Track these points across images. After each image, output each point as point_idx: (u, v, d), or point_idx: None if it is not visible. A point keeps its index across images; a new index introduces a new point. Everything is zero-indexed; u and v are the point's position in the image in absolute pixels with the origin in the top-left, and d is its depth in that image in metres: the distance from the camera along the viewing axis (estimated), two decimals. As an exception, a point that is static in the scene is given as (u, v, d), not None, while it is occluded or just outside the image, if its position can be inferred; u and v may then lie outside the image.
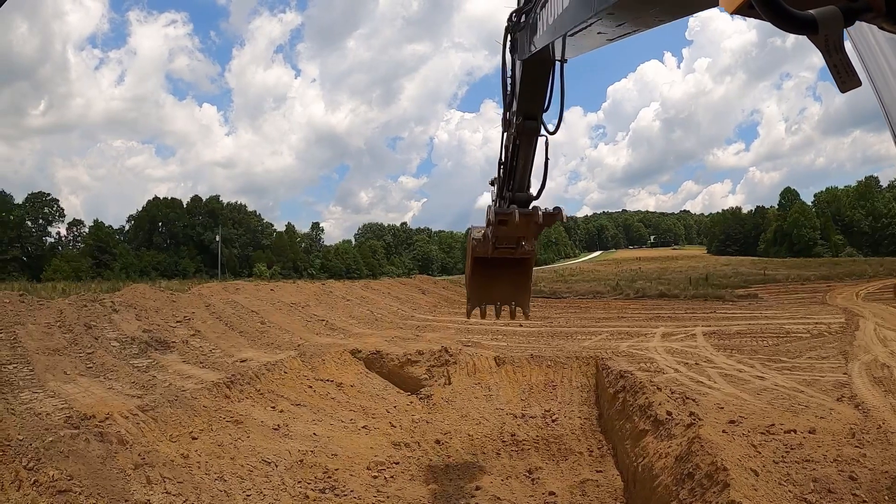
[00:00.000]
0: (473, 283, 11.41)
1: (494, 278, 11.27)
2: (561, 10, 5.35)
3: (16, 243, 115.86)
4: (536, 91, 7.75)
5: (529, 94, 7.86)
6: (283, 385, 19.02)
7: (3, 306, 24.22)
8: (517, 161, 8.77)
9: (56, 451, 12.39)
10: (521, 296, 11.61)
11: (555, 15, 5.64)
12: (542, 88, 7.66)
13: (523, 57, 7.50)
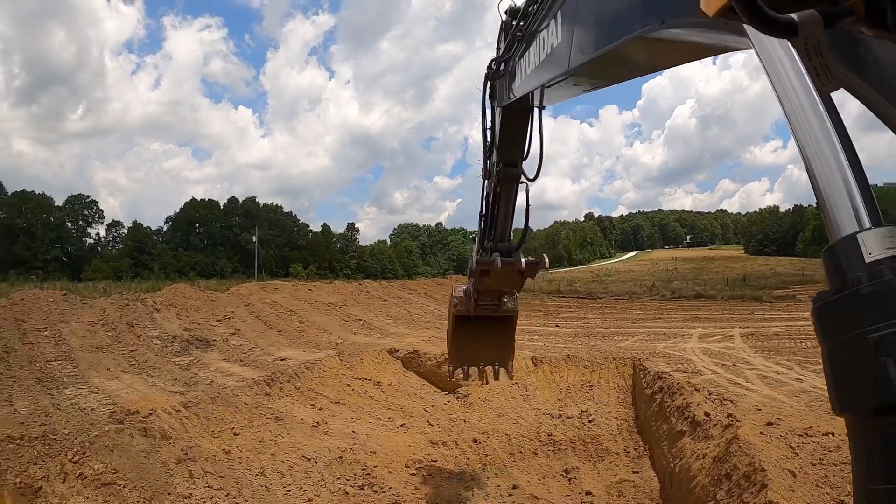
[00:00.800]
0: (455, 343, 11.23)
1: (477, 338, 11.05)
2: (538, 63, 5.47)
3: (56, 244, 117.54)
4: (516, 138, 7.78)
5: (509, 141, 7.89)
6: (322, 383, 19.19)
7: (48, 305, 24.70)
8: (498, 209, 8.74)
9: (101, 446, 12.63)
10: (504, 355, 11.41)
11: (533, 65, 5.74)
12: (522, 135, 7.68)
13: (503, 104, 7.52)
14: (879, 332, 1.18)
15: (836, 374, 1.32)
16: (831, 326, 1.32)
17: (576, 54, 4.23)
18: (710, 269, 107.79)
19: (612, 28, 3.50)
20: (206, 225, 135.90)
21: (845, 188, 1.41)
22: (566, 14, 4.51)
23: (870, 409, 1.21)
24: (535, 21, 5.56)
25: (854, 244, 1.33)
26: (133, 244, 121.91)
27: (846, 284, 1.30)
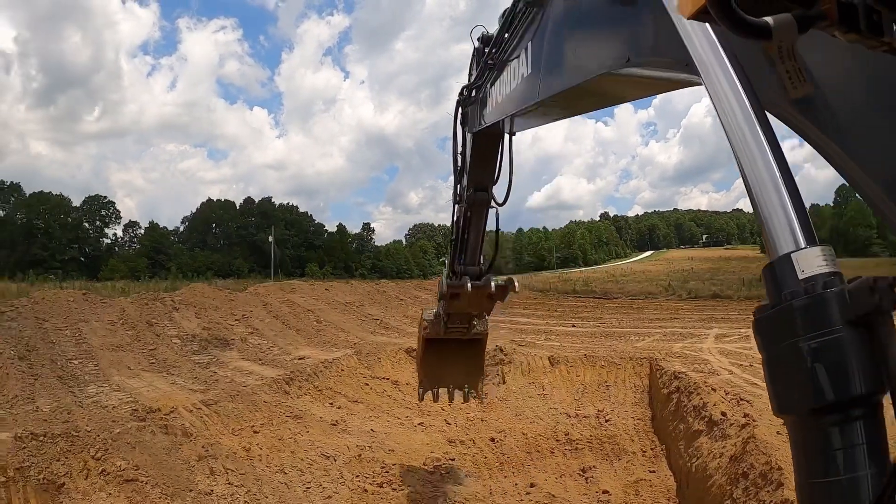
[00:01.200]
0: (425, 365, 11.28)
1: (447, 361, 11.11)
2: (509, 91, 5.56)
3: (74, 244, 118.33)
4: (486, 163, 7.82)
5: (480, 166, 7.95)
6: (340, 382, 19.32)
7: (68, 304, 24.91)
8: (468, 234, 8.81)
9: (123, 443, 12.79)
10: (473, 378, 11.45)
11: (503, 94, 5.83)
12: (492, 160, 7.71)
13: (473, 130, 7.61)
14: (811, 341, 1.30)
15: (775, 380, 1.42)
16: (769, 337, 1.43)
17: (545, 86, 4.34)
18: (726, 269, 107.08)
19: (579, 64, 3.64)
20: (223, 225, 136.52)
21: (782, 211, 1.55)
22: (536, 46, 4.60)
23: (807, 410, 1.33)
24: (507, 50, 5.66)
25: (789, 262, 1.46)
26: (150, 244, 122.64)
27: (782, 299, 1.42)
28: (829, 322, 1.30)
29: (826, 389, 1.27)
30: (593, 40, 3.40)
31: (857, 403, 1.28)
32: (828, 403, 1.28)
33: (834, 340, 1.29)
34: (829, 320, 1.31)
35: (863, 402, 1.28)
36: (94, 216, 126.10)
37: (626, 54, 2.78)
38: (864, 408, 1.29)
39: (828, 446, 1.28)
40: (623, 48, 2.82)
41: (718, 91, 1.73)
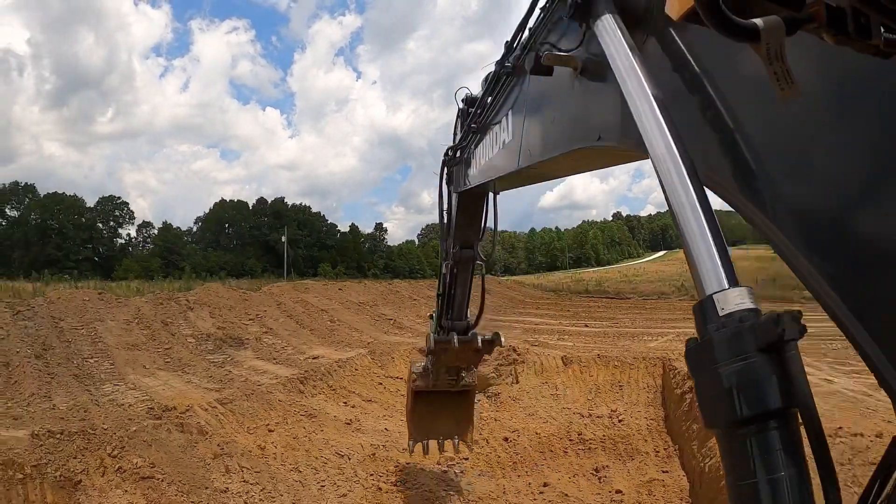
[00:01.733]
0: (415, 417, 11.29)
1: (436, 412, 11.11)
2: (492, 155, 5.72)
3: (88, 244, 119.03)
4: (472, 221, 8.06)
5: (465, 224, 8.14)
6: (354, 381, 19.40)
7: (84, 304, 25.07)
8: (455, 289, 8.93)
9: (139, 440, 12.90)
10: (463, 428, 11.43)
11: (486, 157, 5.98)
12: (477, 218, 7.98)
13: (458, 190, 7.76)
14: (729, 366, 1.51)
15: (702, 401, 1.62)
16: (696, 365, 1.64)
17: (524, 155, 4.50)
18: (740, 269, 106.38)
19: (556, 139, 3.82)
20: (236, 225, 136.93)
21: (709, 259, 1.79)
22: (515, 116, 4.76)
23: (728, 423, 1.52)
24: (489, 114, 5.78)
25: (712, 302, 1.67)
26: (163, 244, 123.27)
27: (706, 333, 1.63)
28: (742, 350, 1.50)
29: (743, 406, 1.47)
30: (566, 118, 3.58)
31: (772, 416, 1.46)
32: (745, 417, 1.47)
33: (747, 365, 1.49)
34: (742, 348, 1.51)
35: (778, 415, 1.46)
36: (108, 216, 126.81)
37: (596, 133, 2.99)
38: (779, 420, 1.47)
39: (749, 453, 1.47)
40: (594, 128, 3.03)
41: (663, 165, 1.94)
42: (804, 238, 1.79)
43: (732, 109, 2.03)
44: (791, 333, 1.45)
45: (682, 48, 2.27)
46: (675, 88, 2.26)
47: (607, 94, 2.56)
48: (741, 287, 1.70)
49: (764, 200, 1.91)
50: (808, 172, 1.78)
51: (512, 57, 4.63)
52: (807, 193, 1.80)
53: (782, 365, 1.47)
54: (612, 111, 2.54)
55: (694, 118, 2.16)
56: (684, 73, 2.25)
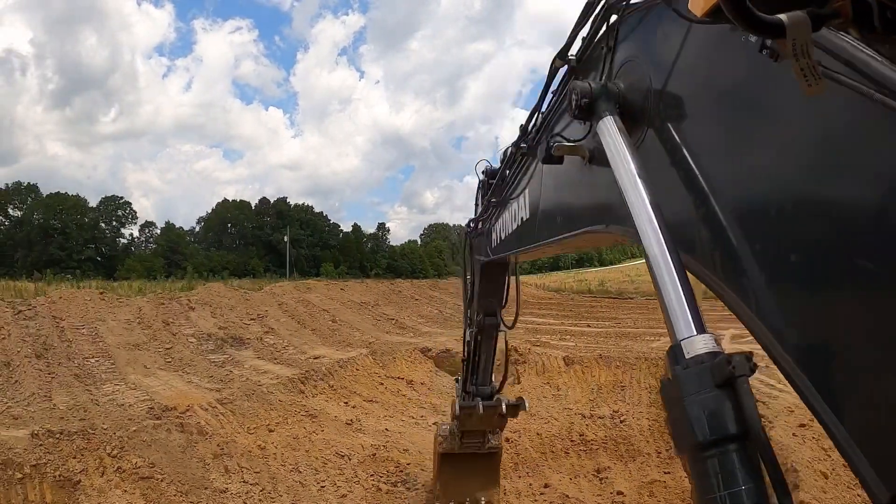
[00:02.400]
0: (442, 480, 11.22)
1: (463, 475, 10.98)
2: (511, 231, 5.93)
3: (91, 244, 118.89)
4: (495, 289, 8.22)
5: (488, 293, 8.28)
6: (355, 382, 19.37)
7: (85, 303, 25.06)
8: (479, 356, 9.01)
9: (139, 440, 12.88)
10: (490, 490, 11.25)
11: (506, 232, 6.19)
12: (500, 286, 8.14)
13: (481, 261, 7.90)
14: (689, 400, 1.74)
15: (673, 429, 1.84)
16: (667, 399, 1.87)
17: (540, 233, 4.75)
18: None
19: (568, 221, 4.08)
20: (238, 225, 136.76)
21: (678, 307, 2.03)
22: (532, 195, 4.97)
23: (689, 447, 1.73)
24: (508, 189, 5.99)
25: (680, 347, 1.90)
26: (166, 244, 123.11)
27: (674, 373, 1.86)
28: (703, 385, 1.74)
29: (703, 431, 1.69)
30: (578, 202, 3.85)
31: (729, 440, 1.66)
32: (707, 441, 1.68)
33: (706, 398, 1.72)
34: (703, 384, 1.74)
35: (735, 439, 1.66)
36: (111, 216, 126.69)
37: (604, 221, 3.26)
38: (736, 443, 1.67)
39: (711, 472, 1.67)
40: (602, 215, 3.28)
41: (653, 251, 2.21)
42: (779, 330, 1.95)
43: (722, 206, 2.22)
44: (741, 370, 1.68)
45: (678, 144, 2.48)
46: (670, 181, 2.48)
47: (614, 184, 2.64)
48: (706, 334, 1.92)
49: (748, 293, 2.11)
50: (793, 271, 1.92)
51: (528, 138, 4.81)
52: (791, 291, 1.95)
53: (736, 397, 1.69)
54: (619, 201, 2.62)
55: (686, 211, 2.40)
56: (679, 169, 2.46)
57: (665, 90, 2.55)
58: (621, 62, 3.00)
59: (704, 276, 2.33)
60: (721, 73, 2.17)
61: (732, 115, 2.15)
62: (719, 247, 2.23)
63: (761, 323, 2.02)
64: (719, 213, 2.20)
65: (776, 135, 1.91)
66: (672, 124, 2.52)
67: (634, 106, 2.83)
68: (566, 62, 3.62)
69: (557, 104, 3.98)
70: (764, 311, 2.02)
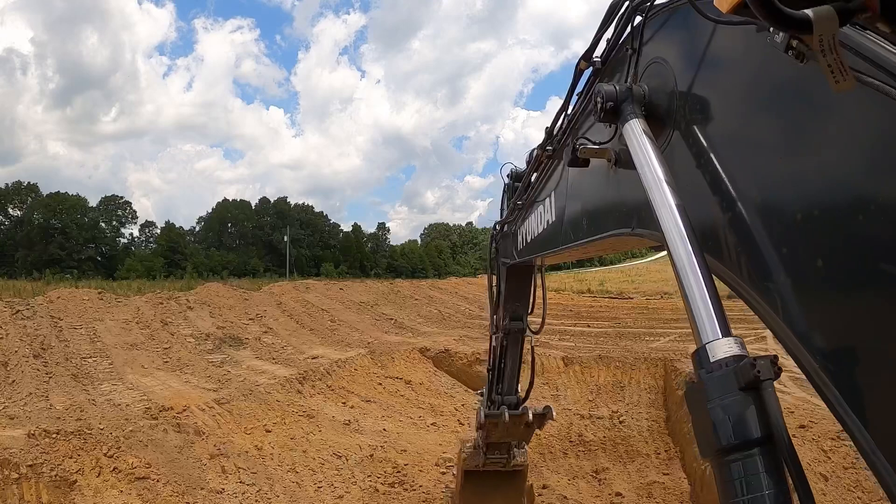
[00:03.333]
0: (464, 498, 10.65)
1: (486, 495, 10.46)
2: (536, 234, 5.92)
3: (91, 244, 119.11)
4: (521, 293, 8.11)
5: (514, 296, 8.18)
6: (353, 382, 19.33)
7: (83, 303, 25.04)
8: (505, 362, 8.81)
9: (135, 441, 12.84)
10: None
11: (532, 235, 6.17)
12: (526, 290, 8.03)
13: (507, 264, 7.84)
14: (713, 404, 1.74)
15: (697, 433, 1.83)
16: (692, 403, 1.86)
17: (565, 236, 4.74)
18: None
19: (594, 224, 4.08)
20: (238, 225, 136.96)
21: (704, 310, 2.03)
22: (558, 198, 4.96)
23: (713, 452, 1.73)
24: (534, 192, 5.96)
25: (706, 350, 1.89)
26: (166, 244, 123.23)
27: (700, 376, 1.85)
28: (727, 389, 1.74)
29: (728, 435, 1.68)
30: (603, 205, 3.82)
31: (753, 444, 1.66)
32: (731, 445, 1.68)
33: (731, 401, 1.71)
34: (727, 388, 1.74)
35: (759, 443, 1.66)
36: (111, 216, 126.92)
37: (630, 224, 3.25)
38: (760, 447, 1.66)
39: (735, 476, 1.67)
40: (628, 218, 3.27)
41: (680, 257, 2.20)
42: (808, 338, 1.93)
43: (749, 209, 2.19)
44: (766, 374, 1.69)
45: (704, 146, 2.47)
46: (696, 184, 2.48)
47: (640, 186, 2.64)
48: (731, 337, 1.90)
49: (774, 299, 2.08)
50: (819, 275, 1.89)
51: (553, 141, 4.78)
52: (818, 296, 1.93)
53: (760, 401, 1.69)
54: (645, 204, 2.61)
55: (712, 214, 2.39)
56: (705, 172, 2.45)
57: (691, 92, 2.56)
58: (646, 64, 3.01)
59: (730, 280, 2.34)
60: (747, 73, 2.15)
61: (759, 117, 2.14)
62: (745, 250, 2.22)
63: (787, 327, 2.00)
64: (745, 217, 2.19)
65: (804, 136, 1.90)
66: (698, 126, 2.52)
67: (660, 108, 2.84)
68: (591, 64, 3.63)
69: (583, 107, 3.96)
70: (790, 316, 2.01)
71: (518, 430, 8.94)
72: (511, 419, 8.58)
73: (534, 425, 8.77)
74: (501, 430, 8.90)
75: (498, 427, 8.83)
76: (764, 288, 2.12)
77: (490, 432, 9.13)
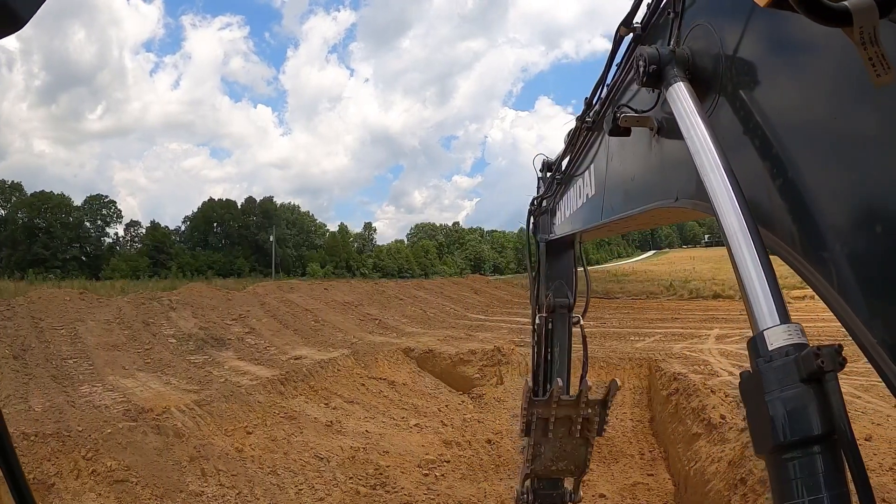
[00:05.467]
0: None
1: None
2: (576, 209, 5.85)
3: (75, 244, 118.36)
4: (562, 270, 7.91)
5: (556, 273, 7.91)
6: (336, 382, 19.23)
7: (65, 304, 24.88)
8: (553, 343, 7.85)
9: (114, 443, 12.71)
10: None
11: (571, 210, 6.14)
12: (568, 268, 7.87)
13: (544, 240, 7.80)
14: (771, 396, 1.61)
15: (752, 427, 1.68)
16: (747, 394, 1.73)
17: (606, 210, 4.64)
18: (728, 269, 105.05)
19: (636, 196, 3.94)
20: (224, 225, 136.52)
21: (763, 297, 1.86)
22: (598, 171, 4.87)
23: (770, 448, 1.59)
24: (574, 166, 5.87)
25: (763, 338, 1.74)
26: (151, 243, 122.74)
27: (756, 366, 1.70)
28: (787, 380, 1.60)
29: (787, 431, 1.55)
30: (645, 176, 3.70)
31: (814, 442, 1.52)
32: (789, 442, 1.54)
33: (791, 394, 1.58)
34: (787, 379, 1.60)
35: (820, 440, 1.52)
36: (96, 215, 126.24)
37: (674, 195, 3.12)
38: (820, 445, 1.53)
39: (792, 476, 1.53)
40: (671, 189, 3.15)
41: (730, 227, 2.08)
42: (868, 312, 1.79)
43: (801, 175, 2.09)
44: (830, 365, 1.54)
45: (752, 111, 2.34)
46: (745, 151, 2.35)
47: (684, 156, 2.53)
48: (790, 324, 1.76)
49: (829, 269, 1.94)
50: (878, 244, 1.77)
51: (592, 112, 4.71)
52: (880, 270, 1.79)
53: (822, 394, 1.55)
54: (689, 173, 2.60)
55: (763, 182, 2.25)
56: (754, 138, 2.32)
57: (737, 55, 2.43)
58: (689, 27, 2.89)
59: (781, 250, 2.18)
60: (796, 33, 2.05)
61: (810, 80, 2.03)
62: (797, 218, 2.10)
63: (842, 300, 1.86)
64: (797, 183, 2.09)
65: (858, 96, 1.77)
66: (745, 91, 2.40)
67: (705, 72, 2.72)
68: (631, 30, 3.50)
69: (623, 75, 3.88)
70: (845, 287, 1.87)
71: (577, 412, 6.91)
72: (563, 403, 6.80)
73: (598, 408, 6.82)
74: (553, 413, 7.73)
75: (547, 408, 7.68)
76: (818, 258, 1.99)
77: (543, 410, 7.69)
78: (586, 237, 6.95)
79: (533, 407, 6.66)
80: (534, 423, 6.79)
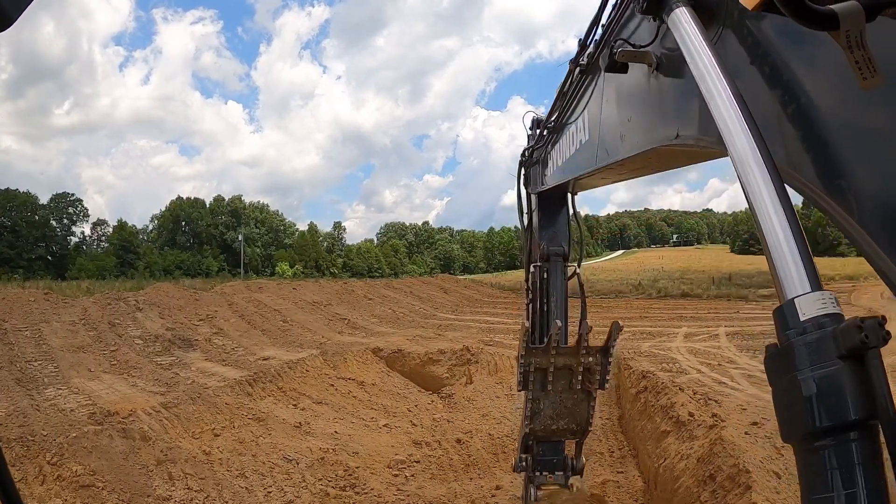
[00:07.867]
0: None
1: None
2: (569, 156, 5.70)
3: (41, 243, 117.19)
4: (554, 222, 7.82)
5: (549, 224, 7.84)
6: (304, 383, 19.13)
7: (29, 304, 24.55)
8: (549, 293, 7.63)
9: (79, 447, 12.55)
10: None
11: (563, 158, 5.97)
12: (559, 219, 7.79)
13: (536, 191, 7.68)
14: (804, 375, 1.44)
15: (780, 410, 1.54)
16: (775, 372, 1.56)
17: (601, 154, 4.51)
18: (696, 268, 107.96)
19: (633, 137, 3.79)
20: (192, 223, 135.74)
21: (791, 260, 1.67)
22: (592, 114, 4.72)
23: (801, 435, 1.45)
24: (566, 114, 5.71)
25: (792, 306, 1.57)
26: (118, 243, 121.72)
27: (785, 339, 1.54)
28: (822, 357, 1.43)
29: (821, 416, 1.39)
30: (643, 115, 3.58)
31: (851, 427, 1.37)
32: (823, 428, 1.39)
33: (827, 373, 1.41)
34: (822, 355, 1.43)
35: (857, 426, 1.37)
36: (62, 214, 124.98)
37: (674, 131, 2.96)
38: (859, 431, 1.37)
39: (826, 467, 1.38)
40: (672, 125, 3.00)
41: (743, 163, 1.87)
42: (891, 239, 1.68)
43: (814, 103, 1.96)
44: (874, 340, 1.37)
45: (759, 40, 2.23)
46: (753, 83, 2.21)
47: (684, 91, 2.54)
48: (823, 291, 1.59)
49: (849, 199, 1.81)
50: None
51: (586, 55, 4.59)
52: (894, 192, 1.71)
53: (864, 373, 1.40)
54: (690, 108, 2.51)
55: (774, 113, 2.12)
56: (762, 66, 2.21)
57: None
58: None
59: (796, 182, 2.02)
60: None
61: None
62: (812, 147, 1.97)
63: (868, 237, 1.74)
64: (810, 110, 1.97)
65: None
66: (752, 20, 2.27)
67: (708, 0, 2.57)
68: None
69: (620, 9, 3.71)
70: (871, 223, 1.74)
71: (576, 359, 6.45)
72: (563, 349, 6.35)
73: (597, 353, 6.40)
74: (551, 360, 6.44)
75: (545, 356, 6.39)
76: (836, 188, 1.86)
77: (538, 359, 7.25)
78: (579, 186, 6.83)
79: (530, 356, 6.17)
80: (531, 374, 6.30)
